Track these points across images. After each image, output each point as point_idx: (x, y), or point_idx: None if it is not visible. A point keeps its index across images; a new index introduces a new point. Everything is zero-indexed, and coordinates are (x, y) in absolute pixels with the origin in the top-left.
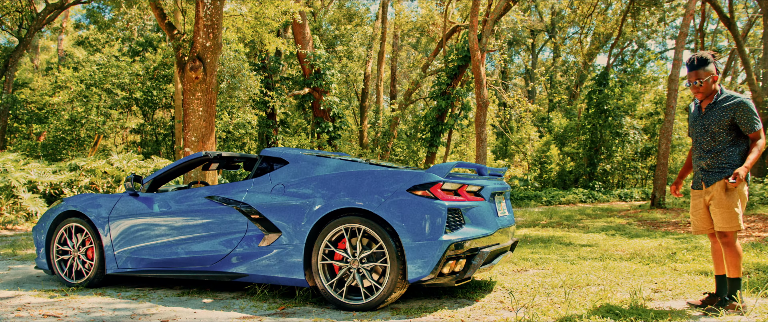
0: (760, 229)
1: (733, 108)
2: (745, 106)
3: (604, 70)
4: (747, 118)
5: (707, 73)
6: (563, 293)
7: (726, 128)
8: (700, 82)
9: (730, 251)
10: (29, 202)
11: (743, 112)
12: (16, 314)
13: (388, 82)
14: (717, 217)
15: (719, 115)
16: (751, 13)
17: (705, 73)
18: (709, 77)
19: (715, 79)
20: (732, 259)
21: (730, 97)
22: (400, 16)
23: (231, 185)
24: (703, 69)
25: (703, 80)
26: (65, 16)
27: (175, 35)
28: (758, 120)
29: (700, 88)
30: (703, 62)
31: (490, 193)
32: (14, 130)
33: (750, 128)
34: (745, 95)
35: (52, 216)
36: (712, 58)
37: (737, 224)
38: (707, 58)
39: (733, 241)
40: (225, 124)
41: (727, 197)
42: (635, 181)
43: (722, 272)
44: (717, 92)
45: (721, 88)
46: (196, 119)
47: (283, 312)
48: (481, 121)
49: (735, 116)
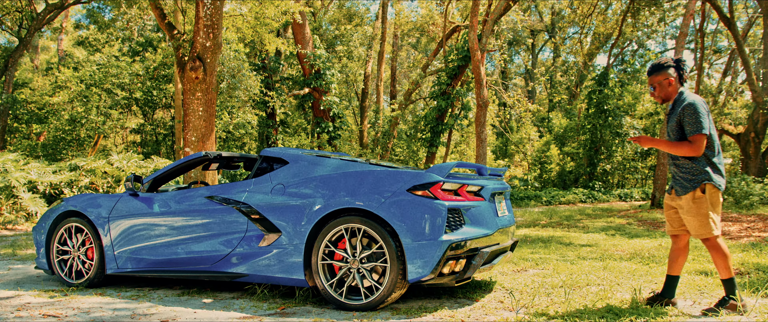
0: (760, 229)
1: (682, 111)
2: (690, 107)
3: (604, 70)
4: (691, 121)
5: (662, 77)
6: (563, 293)
7: (677, 132)
8: (653, 87)
9: (716, 253)
10: (29, 202)
11: (688, 114)
12: (16, 314)
13: (388, 82)
14: (690, 226)
15: (673, 119)
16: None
17: (660, 77)
18: (664, 81)
19: (670, 83)
20: (720, 261)
21: (684, 99)
22: (400, 16)
23: (231, 185)
24: (658, 74)
25: (655, 85)
26: (65, 16)
27: (175, 35)
28: (703, 125)
29: (655, 93)
30: (657, 68)
31: (490, 193)
32: (14, 130)
33: (691, 130)
34: (697, 98)
35: (52, 216)
36: (672, 63)
37: (710, 230)
38: (662, 63)
39: (716, 244)
40: (225, 124)
41: (695, 204)
42: (635, 181)
43: (675, 273)
44: (677, 96)
45: (683, 91)
46: (196, 119)
47: (283, 312)
48: (481, 121)
49: (682, 119)
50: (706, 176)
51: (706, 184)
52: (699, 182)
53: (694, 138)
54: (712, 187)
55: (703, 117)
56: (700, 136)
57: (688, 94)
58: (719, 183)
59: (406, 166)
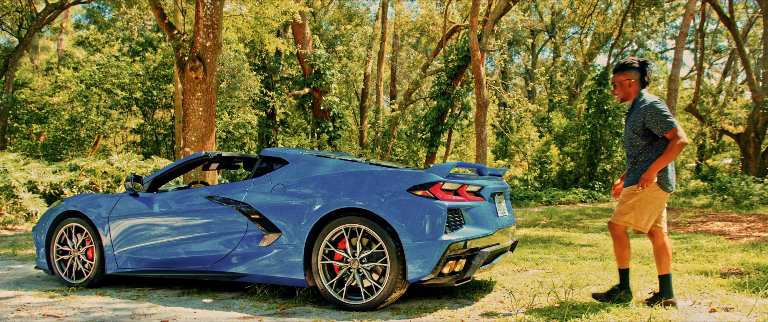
0: (760, 229)
1: (643, 112)
2: (652, 108)
3: (604, 70)
4: (656, 121)
5: (624, 77)
6: (563, 293)
7: (640, 133)
8: (614, 85)
9: (617, 242)
10: (29, 202)
11: (651, 115)
12: (16, 314)
13: (388, 82)
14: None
15: (634, 120)
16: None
17: (622, 77)
18: (625, 81)
19: (631, 83)
20: (618, 250)
21: (643, 101)
22: (400, 16)
23: (231, 185)
24: (620, 74)
25: (616, 83)
26: (65, 16)
27: (175, 35)
28: (670, 120)
29: (614, 91)
30: (621, 67)
31: (490, 193)
32: (14, 130)
33: (662, 130)
34: (654, 98)
35: (52, 216)
36: (637, 65)
37: (626, 219)
38: (627, 63)
39: (620, 234)
40: (225, 124)
41: (628, 192)
42: None
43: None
44: (637, 97)
45: (643, 92)
46: (196, 119)
47: (283, 312)
48: (481, 121)
49: (645, 121)
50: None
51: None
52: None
53: (670, 134)
54: (655, 185)
55: (667, 112)
56: (674, 129)
57: (647, 95)
58: (664, 184)
59: (406, 166)
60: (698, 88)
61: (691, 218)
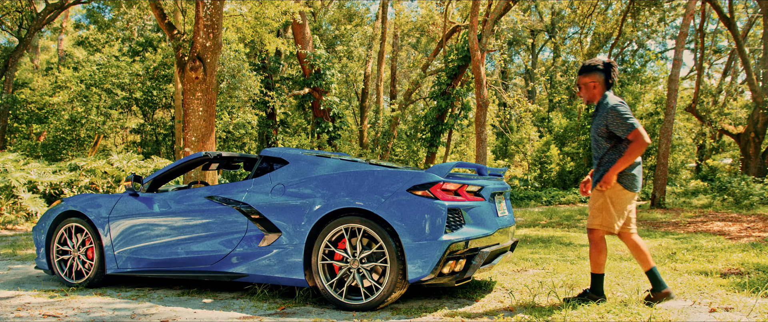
0: (760, 229)
1: (605, 115)
2: (613, 111)
3: None
4: (618, 123)
5: (589, 79)
6: (563, 293)
7: (604, 136)
8: (579, 87)
9: (593, 247)
10: (29, 202)
11: (613, 118)
12: (16, 314)
13: (388, 82)
14: (590, 215)
15: (598, 123)
16: (751, 13)
17: (587, 79)
18: (590, 83)
19: (595, 85)
20: (594, 255)
21: (606, 104)
22: (400, 16)
23: (231, 185)
24: (585, 75)
25: (581, 85)
26: (65, 16)
27: (175, 35)
28: (631, 122)
29: (579, 93)
30: (586, 69)
31: (490, 193)
32: (14, 130)
33: (624, 132)
34: (617, 100)
35: (52, 216)
36: (601, 66)
37: (598, 222)
38: (591, 64)
39: (597, 239)
40: (225, 124)
41: (595, 194)
42: None
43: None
44: (601, 99)
45: (607, 94)
46: (196, 119)
47: (283, 312)
48: (481, 121)
49: (608, 123)
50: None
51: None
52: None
53: (632, 135)
54: (620, 186)
55: (628, 114)
56: (636, 131)
57: (610, 98)
58: (629, 184)
59: (406, 166)
60: (698, 88)
61: (691, 218)
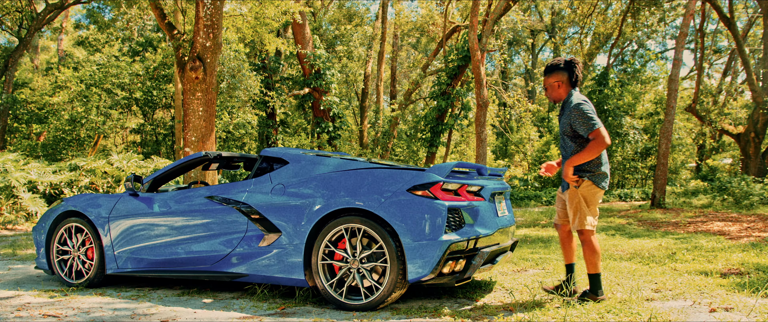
0: (760, 229)
1: (569, 114)
2: (576, 110)
3: (604, 70)
4: (581, 122)
5: (553, 79)
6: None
7: (570, 135)
8: (545, 88)
9: (587, 248)
10: (29, 202)
11: (576, 117)
12: (16, 314)
13: (388, 82)
14: (571, 218)
15: (564, 123)
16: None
17: (551, 79)
18: (554, 83)
19: (560, 85)
20: (588, 256)
21: (570, 102)
22: (400, 16)
23: (231, 185)
24: (548, 76)
25: (547, 86)
26: (65, 16)
27: (175, 35)
28: (593, 121)
29: (546, 94)
30: (549, 69)
31: (490, 193)
32: (14, 130)
33: (586, 130)
34: (581, 98)
35: (52, 216)
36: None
37: (582, 223)
38: (554, 64)
39: (589, 239)
40: (225, 124)
41: (572, 198)
42: (635, 181)
43: (571, 261)
44: (566, 98)
45: (572, 92)
46: (196, 119)
47: (283, 312)
48: (481, 121)
49: (572, 122)
50: (586, 173)
51: (583, 179)
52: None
53: (593, 134)
54: (590, 183)
55: (591, 114)
56: (597, 131)
57: (575, 96)
58: (598, 181)
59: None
60: (698, 88)
61: (691, 218)
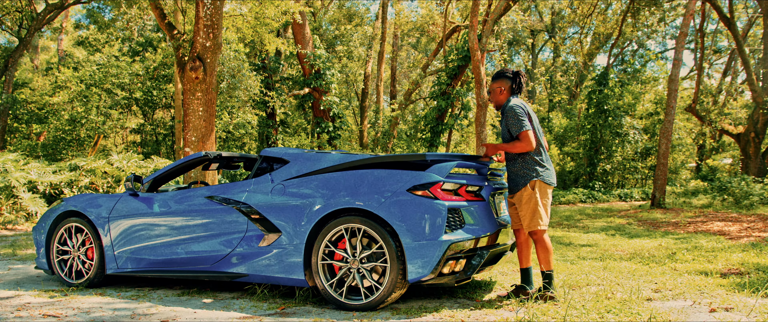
0: (760, 229)
1: (505, 115)
2: (510, 111)
3: (604, 70)
4: (513, 122)
5: (497, 85)
6: (563, 293)
7: (509, 138)
8: (489, 92)
9: (540, 247)
10: (29, 202)
11: (509, 116)
12: (16, 314)
13: (388, 82)
14: (523, 220)
15: (504, 127)
16: (751, 13)
17: (495, 85)
18: (497, 89)
19: (501, 91)
20: (542, 254)
21: (506, 105)
22: (400, 16)
23: (231, 185)
24: (494, 81)
25: (491, 91)
26: (65, 16)
27: (175, 35)
28: (524, 123)
29: (490, 97)
30: (497, 76)
31: (490, 193)
32: (14, 130)
33: (516, 130)
34: (517, 102)
35: (52, 216)
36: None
37: (537, 223)
38: (501, 72)
39: (542, 238)
40: (225, 124)
41: (526, 199)
42: (635, 181)
43: (526, 265)
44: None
45: (510, 99)
46: (196, 119)
47: (283, 312)
48: (481, 121)
49: (508, 123)
50: (534, 173)
51: (535, 180)
52: (529, 179)
53: (521, 135)
54: (541, 182)
55: (522, 117)
56: (525, 133)
57: (513, 101)
58: (547, 179)
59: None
60: (698, 88)
61: (691, 218)
